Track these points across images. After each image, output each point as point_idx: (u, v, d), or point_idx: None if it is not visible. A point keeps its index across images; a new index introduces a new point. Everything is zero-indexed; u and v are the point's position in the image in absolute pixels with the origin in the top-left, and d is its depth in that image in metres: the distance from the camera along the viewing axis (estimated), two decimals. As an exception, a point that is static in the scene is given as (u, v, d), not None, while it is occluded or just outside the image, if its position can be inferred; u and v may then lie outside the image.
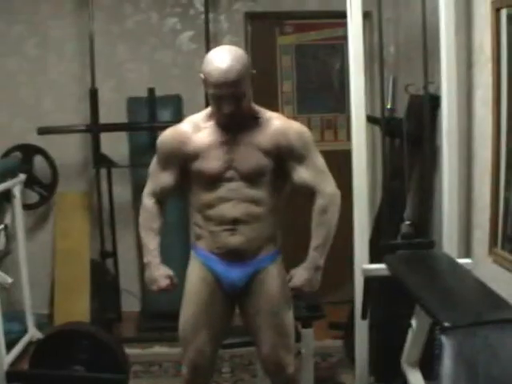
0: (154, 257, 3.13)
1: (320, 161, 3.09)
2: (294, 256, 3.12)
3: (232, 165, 3.00)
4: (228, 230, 3.04)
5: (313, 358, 3.87)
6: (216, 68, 2.86)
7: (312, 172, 3.04)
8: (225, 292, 3.15)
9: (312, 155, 3.06)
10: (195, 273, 3.19)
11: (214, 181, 3.01)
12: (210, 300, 3.14)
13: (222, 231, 3.05)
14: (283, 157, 3.03)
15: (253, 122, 3.04)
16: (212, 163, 3.00)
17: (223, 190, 3.01)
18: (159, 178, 3.15)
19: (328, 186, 3.05)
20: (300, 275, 3.06)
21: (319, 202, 3.02)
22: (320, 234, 3.04)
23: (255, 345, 3.22)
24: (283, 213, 3.19)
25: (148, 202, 3.18)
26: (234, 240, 3.05)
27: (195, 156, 3.03)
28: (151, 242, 3.14)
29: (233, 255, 3.08)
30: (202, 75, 2.94)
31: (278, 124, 3.05)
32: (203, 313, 3.13)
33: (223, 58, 2.88)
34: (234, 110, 2.90)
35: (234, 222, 3.03)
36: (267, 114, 3.10)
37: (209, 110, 3.09)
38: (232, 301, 3.20)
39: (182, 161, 3.08)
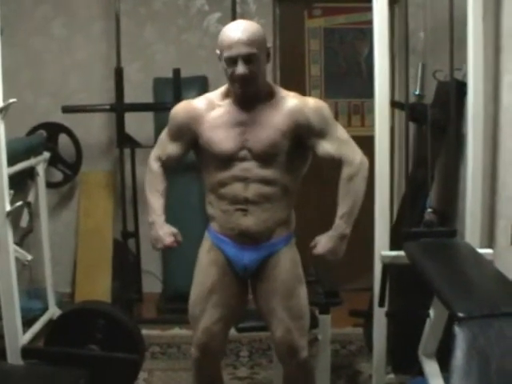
0: (158, 216, 3.13)
1: (342, 131, 3.07)
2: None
3: (245, 145, 2.98)
4: (240, 210, 3.02)
5: (329, 344, 3.82)
6: (230, 30, 2.93)
7: (336, 144, 3.01)
8: (236, 274, 3.14)
9: (332, 128, 3.04)
10: (206, 254, 3.18)
11: (226, 160, 2.99)
12: (220, 281, 3.13)
13: (235, 211, 3.03)
14: (303, 135, 3.00)
15: (268, 100, 3.02)
16: (225, 142, 2.98)
17: (236, 169, 2.99)
18: (167, 147, 3.17)
19: (355, 155, 3.02)
20: (324, 243, 3.04)
21: (346, 171, 3.00)
22: (346, 202, 3.00)
23: (268, 328, 3.19)
24: (297, 195, 3.17)
25: (154, 165, 3.20)
26: (246, 221, 3.02)
27: (207, 134, 3.02)
28: (156, 202, 3.15)
29: (245, 237, 3.05)
30: (217, 50, 2.94)
31: (293, 102, 3.02)
32: (213, 294, 3.12)
33: (237, 24, 2.99)
34: (248, 72, 2.87)
35: (247, 202, 3.00)
36: (283, 93, 3.07)
37: (225, 87, 3.08)
38: (244, 283, 3.19)
39: (192, 136, 3.08)
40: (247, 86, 2.93)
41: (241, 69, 2.87)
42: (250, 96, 2.99)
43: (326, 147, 3.00)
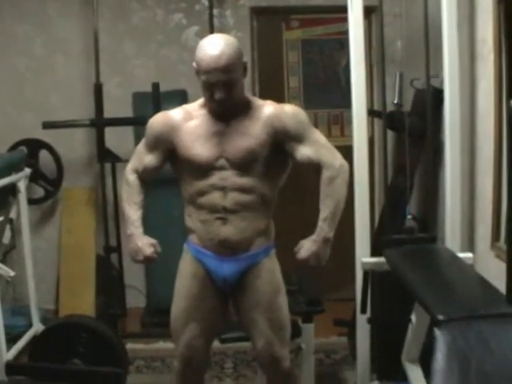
0: (136, 227, 3.10)
1: (319, 136, 3.08)
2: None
3: (223, 154, 2.99)
4: (219, 219, 3.01)
5: (313, 353, 3.83)
6: (207, 54, 2.88)
7: (314, 147, 3.01)
8: (217, 287, 3.13)
9: (310, 132, 3.05)
10: (186, 267, 3.17)
11: (204, 169, 3.00)
12: (200, 295, 3.12)
13: (214, 220, 3.02)
14: (281, 141, 3.01)
15: (245, 110, 3.03)
16: (202, 152, 2.99)
17: (214, 178, 3.00)
18: (143, 158, 3.16)
19: (334, 158, 3.02)
20: (308, 247, 3.02)
21: (326, 174, 2.99)
22: (328, 205, 2.99)
23: (250, 339, 3.20)
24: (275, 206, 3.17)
25: (131, 177, 3.17)
26: (225, 230, 3.02)
27: (185, 144, 3.02)
28: (134, 215, 3.12)
29: (225, 247, 3.05)
30: (194, 64, 2.94)
31: (270, 110, 3.04)
32: (193, 307, 3.13)
33: (215, 45, 2.89)
34: (226, 96, 2.89)
35: (225, 211, 3.00)
36: (259, 102, 3.10)
37: (202, 99, 3.08)
38: (225, 296, 3.18)
39: (169, 147, 3.09)
40: (225, 108, 2.96)
41: (219, 95, 2.89)
42: (228, 111, 3.01)
43: (304, 151, 3.00)
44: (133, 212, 3.13)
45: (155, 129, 3.13)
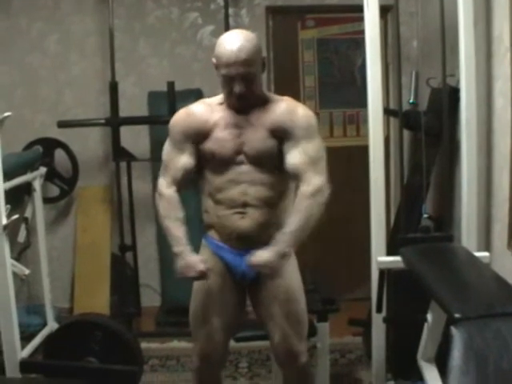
0: (184, 245, 3.00)
1: (316, 148, 2.99)
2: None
3: (242, 149, 3.00)
4: (238, 213, 3.03)
5: (328, 352, 3.82)
6: (227, 49, 2.88)
7: (304, 158, 2.94)
8: (235, 281, 3.14)
9: (310, 140, 2.98)
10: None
11: (224, 164, 3.01)
12: (219, 289, 3.13)
13: (232, 214, 3.03)
14: (285, 136, 2.98)
15: (262, 105, 3.03)
16: (223, 147, 3.00)
17: (233, 174, 3.01)
18: (177, 161, 3.07)
19: (316, 177, 2.93)
20: (260, 255, 2.89)
21: (303, 189, 2.91)
22: (294, 221, 2.90)
23: (267, 334, 3.20)
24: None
25: (168, 191, 3.08)
26: (244, 223, 3.03)
27: (207, 138, 3.02)
28: (179, 232, 3.02)
29: (243, 241, 3.05)
30: (214, 59, 2.95)
31: (285, 105, 3.04)
32: (213, 302, 3.13)
33: (234, 39, 2.91)
34: (245, 90, 2.90)
35: (244, 205, 3.01)
36: (275, 97, 3.10)
37: (220, 96, 3.09)
38: (243, 290, 3.19)
39: (195, 140, 3.05)
40: (244, 102, 2.96)
41: (238, 88, 2.90)
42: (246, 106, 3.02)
43: (294, 158, 2.95)
44: (177, 229, 3.03)
45: (180, 124, 3.09)
